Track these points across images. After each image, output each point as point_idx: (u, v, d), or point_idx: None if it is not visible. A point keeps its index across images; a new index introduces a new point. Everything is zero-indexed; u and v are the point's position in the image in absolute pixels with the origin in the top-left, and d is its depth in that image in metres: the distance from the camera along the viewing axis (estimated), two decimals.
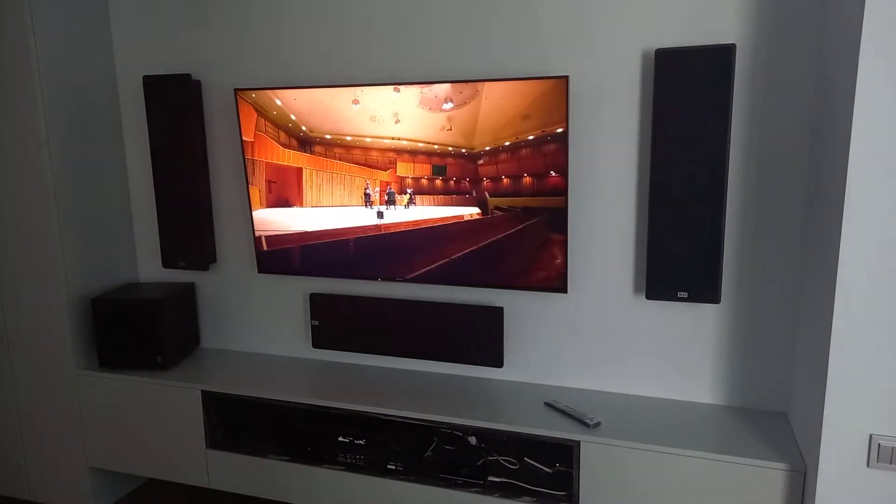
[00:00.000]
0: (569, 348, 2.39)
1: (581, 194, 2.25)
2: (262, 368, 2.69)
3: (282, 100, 2.43)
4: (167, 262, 2.77)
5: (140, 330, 2.62)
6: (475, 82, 2.19)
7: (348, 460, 2.42)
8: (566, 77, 2.08)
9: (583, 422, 2.13)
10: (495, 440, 2.32)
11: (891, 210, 1.59)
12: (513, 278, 2.31)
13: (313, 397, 2.41)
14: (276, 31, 2.54)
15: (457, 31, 2.30)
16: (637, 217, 2.22)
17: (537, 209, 2.22)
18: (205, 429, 2.55)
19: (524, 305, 2.41)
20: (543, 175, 2.18)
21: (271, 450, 2.52)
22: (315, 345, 2.67)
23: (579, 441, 2.07)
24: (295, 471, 2.44)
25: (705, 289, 2.06)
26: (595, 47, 2.16)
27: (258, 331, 2.84)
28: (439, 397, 2.37)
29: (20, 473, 2.86)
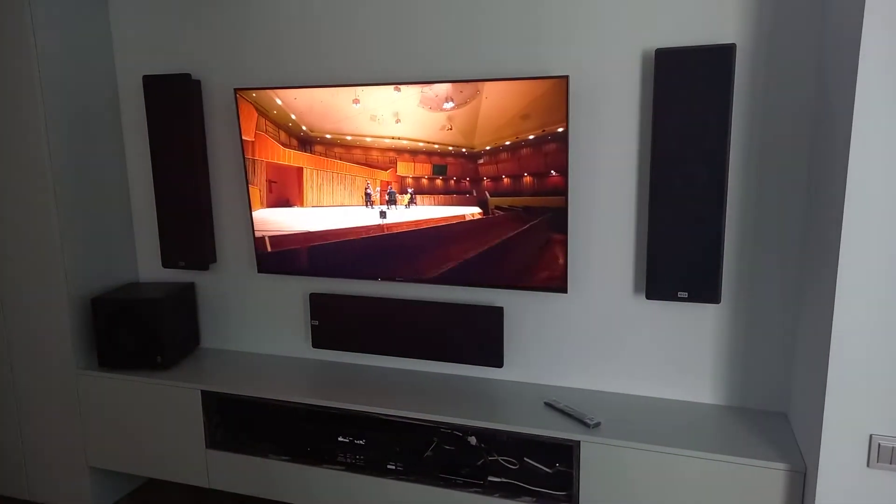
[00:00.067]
0: (569, 348, 2.39)
1: (581, 194, 2.25)
2: (262, 368, 2.69)
3: (282, 99, 2.43)
4: (167, 261, 2.77)
5: (140, 330, 2.62)
6: (476, 82, 2.19)
7: (348, 460, 2.42)
8: (566, 77, 2.09)
9: (583, 422, 2.13)
10: (495, 440, 2.32)
11: (891, 210, 1.59)
12: (513, 278, 2.31)
13: (313, 397, 2.41)
14: (277, 31, 2.54)
15: (458, 30, 2.30)
16: (637, 217, 2.22)
17: (538, 209, 2.22)
18: (205, 429, 2.55)
19: (524, 305, 2.41)
20: (544, 175, 2.18)
21: (271, 450, 2.52)
22: (315, 345, 2.67)
23: (579, 441, 2.07)
24: (295, 471, 2.44)
25: (705, 289, 2.06)
26: (595, 47, 2.16)
27: (258, 331, 2.84)
28: (439, 397, 2.37)
29: (20, 473, 2.86)
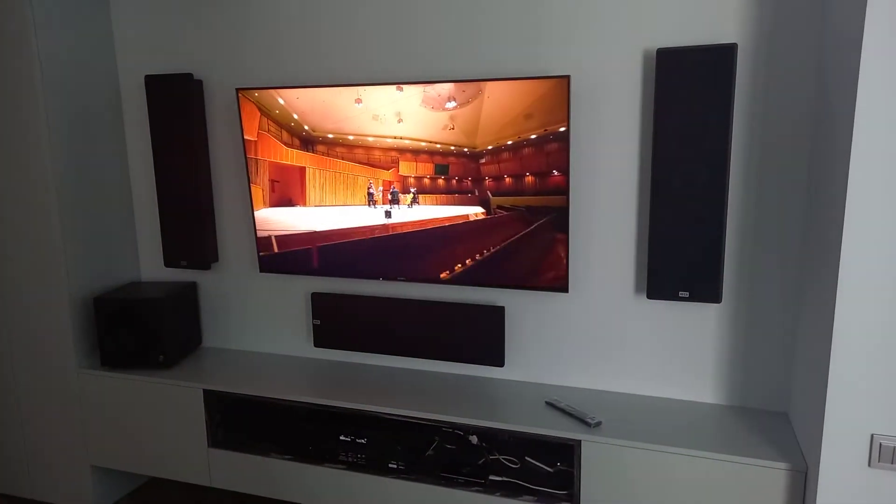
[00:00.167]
0: (570, 348, 2.39)
1: (582, 194, 2.25)
2: (264, 367, 2.69)
3: (284, 99, 2.43)
4: (169, 261, 2.77)
5: (142, 329, 2.62)
6: (478, 81, 2.19)
7: (350, 459, 2.42)
8: (567, 77, 2.09)
9: (584, 421, 2.13)
10: (496, 439, 2.32)
11: (892, 210, 1.59)
12: (515, 278, 2.31)
13: (315, 396, 2.41)
14: (278, 31, 2.54)
15: (458, 30, 2.30)
16: (638, 216, 2.22)
17: (541, 209, 2.22)
18: (206, 428, 2.55)
19: (525, 305, 2.41)
20: (545, 174, 2.18)
21: (273, 449, 2.52)
22: (317, 344, 2.67)
23: (580, 440, 2.07)
24: (296, 470, 2.44)
25: (706, 288, 2.06)
26: (596, 47, 2.16)
27: (260, 330, 2.84)
28: (441, 396, 2.37)
29: (22, 472, 2.86)
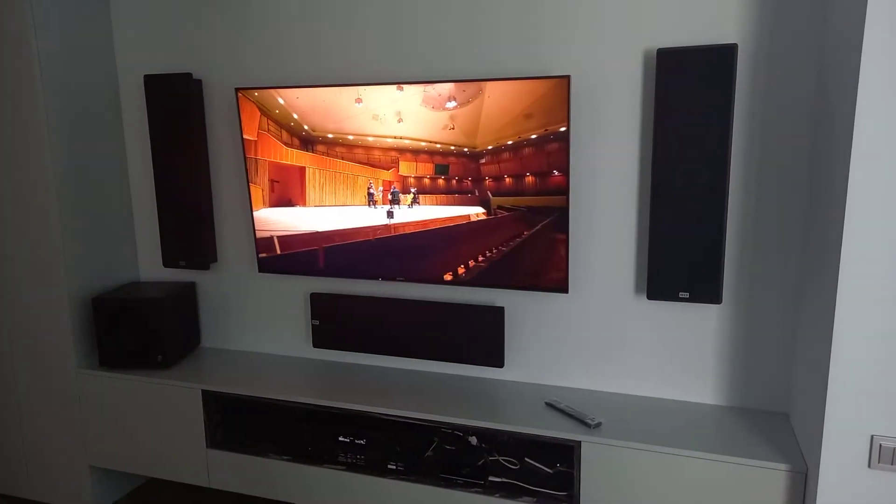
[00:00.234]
0: (570, 348, 2.38)
1: (582, 194, 2.25)
2: (263, 368, 2.69)
3: (284, 98, 2.43)
4: (168, 261, 2.77)
5: (141, 329, 2.62)
6: (478, 81, 2.19)
7: (349, 460, 2.42)
8: (568, 77, 2.09)
9: (584, 422, 2.12)
10: (496, 440, 2.32)
11: (892, 210, 1.59)
12: (515, 278, 2.31)
13: (314, 397, 2.41)
14: (278, 31, 2.54)
15: (458, 30, 2.30)
16: (638, 217, 2.22)
17: (541, 209, 2.22)
18: (205, 428, 2.54)
19: (525, 305, 2.41)
20: (546, 174, 2.18)
21: (272, 449, 2.51)
22: (316, 344, 2.67)
23: (580, 441, 2.07)
24: (295, 470, 2.44)
25: (707, 289, 2.06)
26: (597, 47, 2.16)
27: (259, 330, 2.83)
28: (440, 397, 2.37)
29: (21, 472, 2.85)
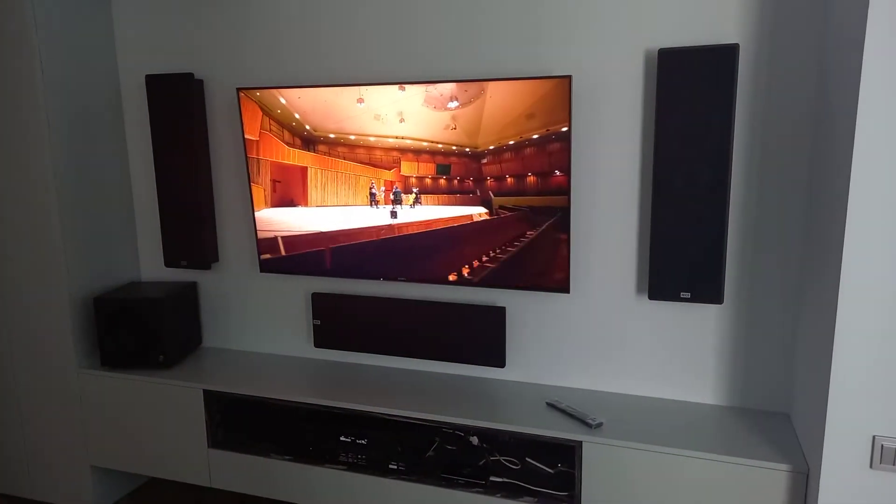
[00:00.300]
0: (571, 348, 2.38)
1: (584, 194, 2.25)
2: (264, 368, 2.69)
3: (286, 98, 2.43)
4: (169, 261, 2.77)
5: (142, 329, 2.62)
6: (480, 81, 2.19)
7: (350, 460, 2.42)
8: (569, 77, 2.09)
9: (585, 422, 2.12)
10: (497, 440, 2.32)
11: (894, 210, 1.59)
12: (517, 278, 2.31)
13: (315, 397, 2.41)
14: (280, 31, 2.54)
15: (459, 30, 2.30)
16: (640, 217, 2.22)
17: (543, 209, 2.22)
18: (206, 428, 2.55)
19: (526, 305, 2.41)
20: (547, 174, 2.18)
21: (273, 449, 2.51)
22: (317, 344, 2.67)
23: (581, 441, 2.07)
24: (296, 470, 2.44)
25: (708, 289, 2.06)
26: (598, 47, 2.16)
27: (260, 330, 2.84)
28: (441, 397, 2.37)
29: (22, 472, 2.86)
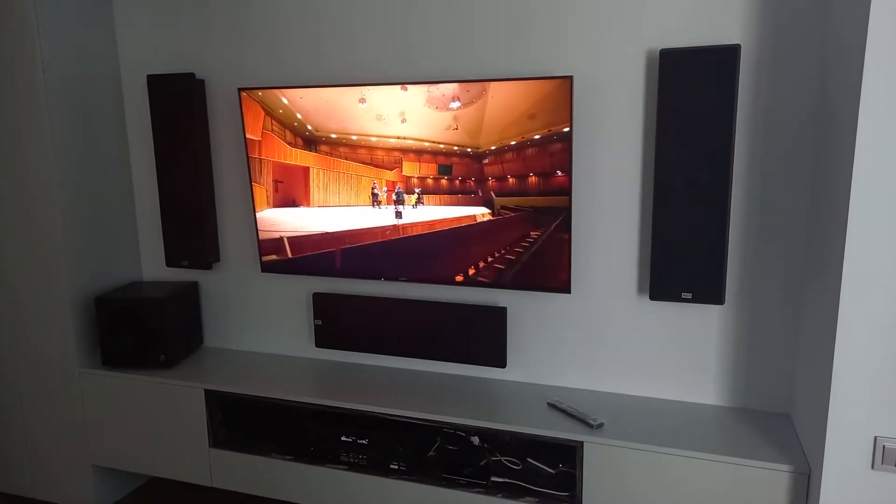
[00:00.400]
0: (572, 349, 2.38)
1: (585, 194, 2.25)
2: (265, 367, 2.69)
3: (288, 98, 2.43)
4: (170, 261, 2.77)
5: (143, 329, 2.62)
6: (482, 82, 2.19)
7: (351, 460, 2.42)
8: (571, 77, 2.09)
9: (586, 422, 2.12)
10: (498, 440, 2.32)
11: (895, 211, 1.59)
12: (517, 278, 2.31)
13: (316, 397, 2.41)
14: (281, 31, 2.54)
15: (464, 30, 2.30)
16: (641, 217, 2.22)
17: (545, 209, 2.22)
18: (207, 428, 2.55)
19: (527, 305, 2.41)
20: (549, 175, 2.18)
21: (274, 449, 2.52)
22: (318, 344, 2.67)
23: (582, 442, 2.07)
24: (297, 470, 2.44)
25: (709, 289, 2.06)
26: (599, 48, 2.16)
27: (261, 330, 2.84)
28: (442, 397, 2.37)
29: (23, 471, 2.86)
